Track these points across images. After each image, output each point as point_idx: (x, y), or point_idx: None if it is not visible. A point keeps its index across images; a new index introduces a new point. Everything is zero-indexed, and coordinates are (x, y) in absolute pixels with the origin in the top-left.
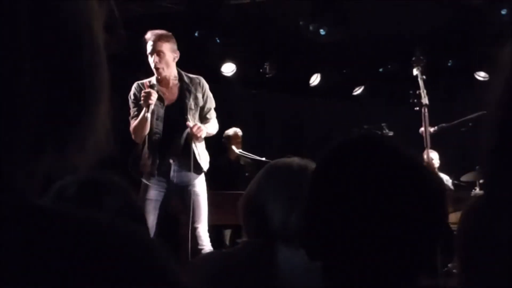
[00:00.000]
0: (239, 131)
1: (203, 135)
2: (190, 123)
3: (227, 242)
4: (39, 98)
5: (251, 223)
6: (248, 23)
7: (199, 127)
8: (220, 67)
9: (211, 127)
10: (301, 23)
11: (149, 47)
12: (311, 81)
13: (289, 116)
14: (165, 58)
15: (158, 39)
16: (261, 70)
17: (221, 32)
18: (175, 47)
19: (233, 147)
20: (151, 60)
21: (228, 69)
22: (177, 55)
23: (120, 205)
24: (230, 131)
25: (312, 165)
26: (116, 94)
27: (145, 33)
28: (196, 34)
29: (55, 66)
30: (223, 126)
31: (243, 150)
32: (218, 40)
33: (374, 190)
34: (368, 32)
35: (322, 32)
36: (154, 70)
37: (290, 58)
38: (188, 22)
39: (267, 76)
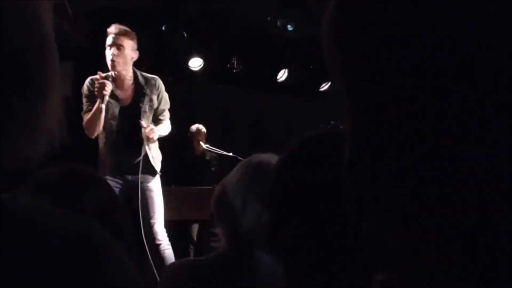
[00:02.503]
0: (201, 127)
1: (155, 137)
2: (144, 123)
3: (195, 237)
4: None
5: (225, 220)
6: (216, 18)
7: (151, 129)
8: (188, 61)
9: (164, 129)
10: (268, 18)
11: (109, 40)
12: (278, 77)
13: (256, 111)
14: (124, 53)
15: (121, 33)
16: (228, 65)
17: (188, 27)
18: (136, 47)
19: (200, 143)
20: (109, 52)
21: (195, 63)
22: (136, 55)
23: (101, 198)
24: (193, 128)
25: None
26: (79, 87)
27: (110, 26)
28: (163, 28)
29: (1, 58)
30: (189, 120)
31: (209, 145)
32: (185, 35)
33: (337, 185)
34: None
35: (289, 27)
36: (109, 63)
37: (258, 53)
38: (155, 16)
39: (234, 71)
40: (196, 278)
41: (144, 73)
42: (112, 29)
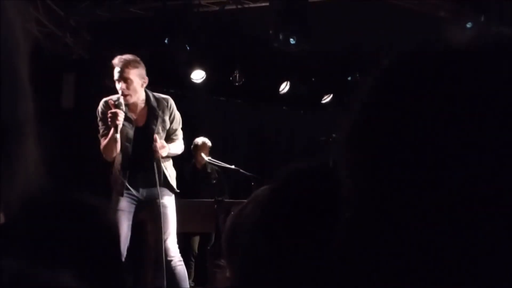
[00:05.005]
0: (207, 141)
1: (164, 153)
2: (157, 138)
3: (196, 250)
4: None
5: (235, 257)
6: (218, 31)
7: (162, 145)
8: (190, 74)
9: (175, 147)
10: (271, 32)
11: (116, 74)
12: (280, 89)
13: (257, 124)
14: (133, 85)
15: (125, 65)
16: (230, 78)
17: (191, 40)
18: (144, 72)
19: (202, 155)
20: (118, 86)
21: (198, 76)
22: (145, 80)
23: (94, 227)
24: (199, 141)
25: None
26: (81, 97)
27: (113, 39)
28: (165, 41)
29: None
30: (191, 133)
31: (211, 158)
32: (187, 47)
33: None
34: (336, 41)
35: (292, 41)
36: (121, 97)
37: (259, 66)
38: (158, 28)
39: (236, 84)
40: None
41: (156, 94)
42: (116, 61)
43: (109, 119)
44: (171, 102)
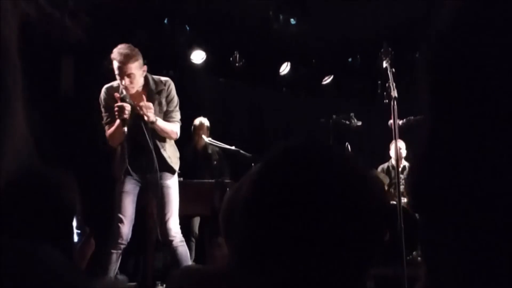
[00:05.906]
0: (204, 121)
1: (150, 115)
2: (144, 98)
3: (196, 231)
4: None
5: (233, 235)
6: (218, 12)
7: (148, 106)
8: (189, 55)
9: (166, 124)
10: (271, 13)
11: (117, 69)
12: (281, 70)
13: (257, 105)
14: (136, 78)
15: (126, 61)
16: (230, 59)
17: (190, 21)
18: (141, 61)
19: (203, 136)
20: (121, 80)
21: (198, 56)
22: (144, 68)
23: (51, 202)
24: (197, 121)
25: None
26: (81, 80)
27: (112, 20)
28: (165, 21)
29: None
30: (190, 114)
31: (212, 139)
32: (187, 28)
33: (320, 200)
34: (337, 23)
35: (292, 22)
36: (124, 89)
37: (260, 48)
38: (157, 9)
39: (236, 65)
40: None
41: (155, 77)
42: (116, 55)
43: (116, 114)
44: (170, 83)
